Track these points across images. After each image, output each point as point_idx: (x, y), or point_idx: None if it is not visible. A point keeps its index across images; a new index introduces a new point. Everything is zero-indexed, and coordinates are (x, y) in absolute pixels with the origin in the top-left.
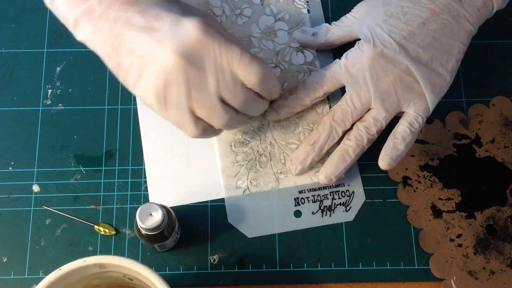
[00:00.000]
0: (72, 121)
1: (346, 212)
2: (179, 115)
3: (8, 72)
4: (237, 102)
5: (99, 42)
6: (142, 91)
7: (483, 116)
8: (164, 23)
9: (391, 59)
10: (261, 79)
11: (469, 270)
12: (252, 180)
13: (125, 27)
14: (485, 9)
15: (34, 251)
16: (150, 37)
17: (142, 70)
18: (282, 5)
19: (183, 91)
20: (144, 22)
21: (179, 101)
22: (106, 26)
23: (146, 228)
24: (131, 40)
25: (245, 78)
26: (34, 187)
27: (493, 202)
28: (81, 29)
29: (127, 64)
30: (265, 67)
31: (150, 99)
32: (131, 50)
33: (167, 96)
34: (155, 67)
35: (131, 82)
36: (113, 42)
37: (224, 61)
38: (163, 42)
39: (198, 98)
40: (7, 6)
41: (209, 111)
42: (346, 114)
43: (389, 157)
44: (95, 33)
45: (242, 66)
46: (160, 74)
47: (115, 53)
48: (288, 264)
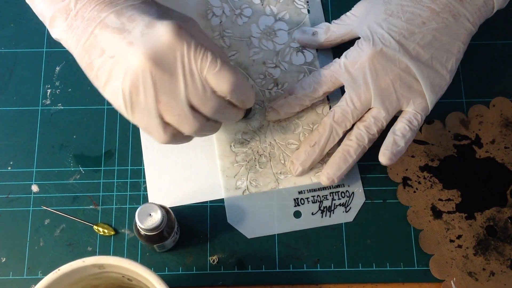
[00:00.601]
0: (71, 121)
1: (346, 213)
2: (147, 119)
3: (8, 72)
4: (207, 109)
5: (73, 41)
6: (110, 93)
7: (483, 116)
8: (136, 25)
9: (390, 58)
10: (233, 88)
11: (469, 271)
12: (251, 180)
13: (99, 27)
14: (485, 8)
15: (33, 252)
16: (122, 38)
17: (111, 72)
18: (282, 5)
19: (150, 95)
20: (118, 23)
21: (147, 105)
22: (81, 26)
23: (145, 228)
24: (103, 41)
25: (216, 85)
26: (33, 187)
27: (493, 203)
28: (56, 27)
29: (98, 65)
30: (237, 75)
31: (118, 102)
32: (102, 50)
33: (134, 99)
34: (123, 68)
35: (101, 84)
36: (86, 42)
37: (194, 66)
38: (133, 44)
39: (166, 103)
40: (6, 6)
41: (178, 117)
42: (346, 114)
43: (389, 152)
44: (69, 32)
45: (213, 73)
46: (128, 76)
47: (87, 54)
48: (287, 265)
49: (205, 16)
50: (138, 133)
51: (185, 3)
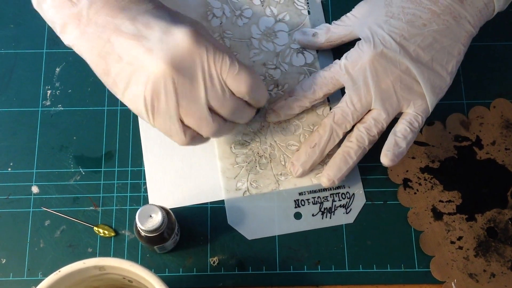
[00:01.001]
0: (71, 122)
1: (346, 214)
2: (168, 124)
3: (8, 73)
4: (226, 111)
5: (86, 48)
6: (130, 99)
7: (484, 118)
8: (153, 31)
9: (391, 59)
10: (251, 88)
11: (470, 272)
12: (252, 181)
13: (114, 34)
14: (486, 10)
15: (33, 253)
16: (140, 46)
17: (130, 78)
18: (283, 6)
19: (172, 100)
20: (134, 30)
21: (168, 110)
22: (94, 32)
23: (145, 230)
24: (120, 47)
25: (235, 87)
26: (33, 188)
27: (494, 204)
28: (68, 33)
29: (115, 71)
30: (254, 76)
31: (139, 108)
32: (119, 57)
33: (156, 105)
34: (144, 76)
35: (119, 90)
36: (102, 49)
37: (214, 70)
38: (152, 51)
39: (187, 107)
40: (6, 7)
41: (198, 120)
42: (346, 115)
43: (391, 153)
44: (82, 39)
45: (232, 75)
46: (149, 83)
47: (103, 60)
48: (288, 266)
49: (205, 17)
50: (138, 134)
51: (185, 4)
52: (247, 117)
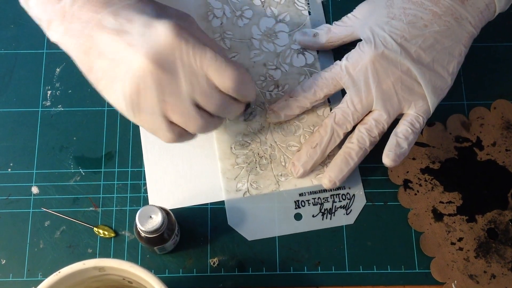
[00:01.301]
0: (71, 122)
1: (346, 215)
2: (153, 121)
3: (8, 73)
4: (212, 106)
5: (71, 44)
6: (113, 96)
7: (485, 119)
8: (135, 26)
9: (392, 60)
10: (236, 84)
11: (470, 274)
12: (252, 182)
13: (96, 29)
14: (487, 11)
15: (33, 253)
16: (121, 40)
17: (113, 74)
18: (283, 6)
19: (155, 96)
20: (116, 24)
21: (152, 107)
22: (78, 28)
23: (145, 230)
24: (102, 43)
25: (220, 82)
26: (33, 188)
27: (494, 205)
28: (53, 30)
29: (98, 68)
30: (240, 71)
31: (122, 105)
32: (101, 53)
33: (139, 101)
34: (126, 71)
35: (103, 87)
36: (84, 45)
37: (197, 65)
38: (134, 46)
39: (171, 103)
40: (6, 7)
41: (183, 116)
42: (347, 116)
43: (393, 153)
44: (67, 35)
45: (216, 70)
46: (131, 79)
47: (87, 57)
48: (288, 267)
49: (205, 18)
50: (138, 134)
51: (186, 4)
52: (235, 112)
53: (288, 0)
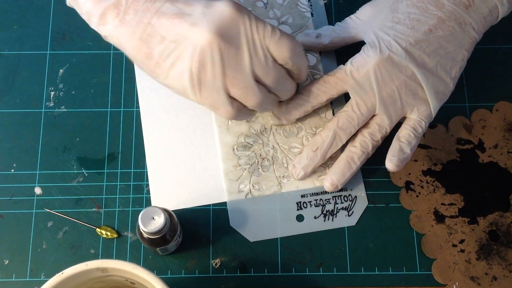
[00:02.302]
0: (74, 123)
1: (348, 217)
2: (214, 96)
3: (11, 74)
4: (270, 79)
5: (126, 35)
6: (175, 77)
7: (486, 121)
8: (195, 8)
9: (397, 65)
10: (292, 53)
11: (472, 275)
12: (254, 184)
13: (156, 17)
14: (490, 17)
15: (35, 254)
16: (183, 22)
17: (175, 55)
18: (286, 8)
19: (218, 70)
20: (175, 9)
21: (214, 81)
22: (135, 19)
23: (148, 232)
24: (162, 28)
25: (277, 53)
26: (36, 189)
27: (496, 207)
28: (107, 24)
29: (159, 52)
30: (295, 41)
31: (184, 84)
32: (162, 37)
33: (202, 77)
34: (189, 49)
35: (163, 71)
36: (143, 33)
37: (257, 37)
38: (197, 24)
39: (233, 76)
40: (10, 8)
41: (244, 89)
42: (351, 120)
43: (396, 158)
44: (122, 27)
45: (274, 41)
46: (195, 55)
47: (145, 44)
48: (290, 268)
49: None
50: (141, 135)
51: None
52: (289, 90)
53: (290, 2)
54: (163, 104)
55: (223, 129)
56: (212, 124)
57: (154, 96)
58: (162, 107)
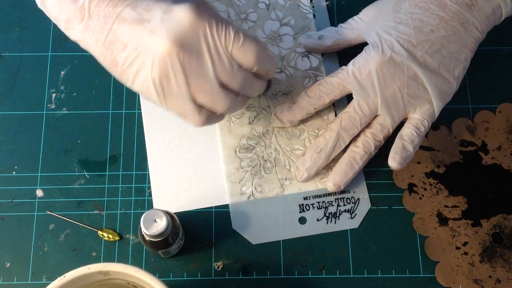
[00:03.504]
0: (76, 125)
1: (351, 219)
2: (181, 105)
3: (13, 76)
4: (236, 84)
5: (92, 41)
6: (140, 85)
7: (490, 123)
8: (155, 13)
9: (399, 65)
10: (257, 58)
11: (475, 278)
12: (256, 186)
13: (116, 22)
14: (494, 16)
15: (37, 257)
16: (142, 29)
17: (137, 64)
18: (288, 10)
19: (181, 79)
20: (135, 15)
21: (179, 90)
22: (98, 24)
23: (150, 234)
24: (123, 35)
25: (242, 59)
26: (37, 191)
27: (500, 210)
28: (73, 29)
29: (122, 59)
30: (259, 45)
31: (150, 92)
32: (124, 45)
33: (165, 86)
34: (150, 58)
35: (128, 78)
36: (106, 40)
37: (219, 43)
38: (155, 32)
39: (197, 84)
40: (11, 10)
41: (210, 96)
42: (354, 121)
43: (399, 156)
44: (87, 33)
45: (237, 47)
46: (156, 65)
47: (109, 51)
48: (292, 271)
49: None
50: (143, 137)
51: None
52: (258, 89)
53: (293, 4)
54: None
55: (225, 131)
56: (214, 126)
57: None
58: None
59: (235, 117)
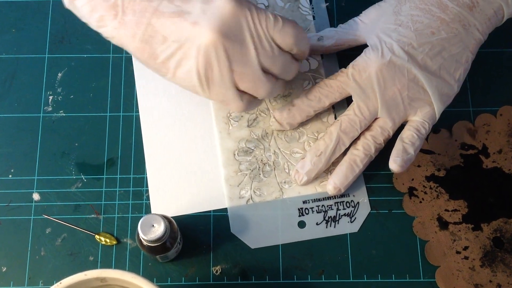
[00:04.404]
0: (73, 128)
1: (351, 223)
2: (224, 92)
3: (9, 78)
4: (277, 67)
5: (127, 36)
6: (182, 76)
7: (491, 126)
8: (194, 5)
9: (399, 68)
10: (297, 39)
11: (476, 283)
12: (255, 189)
13: (154, 16)
14: (495, 18)
15: (34, 261)
16: (183, 21)
17: (179, 55)
18: (287, 11)
19: (225, 67)
20: (173, 7)
21: (222, 78)
22: (133, 20)
23: (148, 240)
24: (163, 28)
25: (282, 41)
26: (34, 195)
27: (500, 214)
28: (106, 26)
29: (162, 52)
30: (297, 26)
31: (193, 82)
32: (164, 38)
33: (210, 75)
34: (194, 49)
35: (169, 70)
36: (144, 34)
37: (260, 29)
38: (198, 23)
39: (240, 72)
40: (8, 11)
41: (253, 82)
42: (354, 124)
43: (400, 159)
44: (121, 29)
45: (278, 30)
46: (200, 55)
47: (147, 45)
48: (291, 275)
49: None
50: (141, 140)
51: None
52: (294, 71)
53: (292, 5)
54: (163, 108)
55: (224, 134)
56: (212, 129)
57: (154, 100)
58: (162, 112)
59: (234, 120)
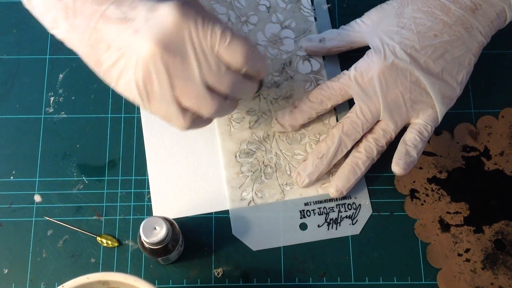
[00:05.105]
0: (74, 129)
1: (352, 225)
2: (165, 108)
3: (10, 79)
4: (224, 87)
5: (76, 40)
6: (123, 87)
7: (492, 128)
8: (139, 12)
9: (401, 70)
10: (246, 59)
11: (477, 285)
12: (257, 191)
13: (101, 21)
14: (498, 21)
15: (35, 263)
16: (127, 28)
17: (121, 64)
18: (289, 12)
19: (165, 81)
20: (120, 13)
21: (163, 93)
22: (83, 23)
23: (150, 242)
24: (108, 34)
25: (230, 59)
26: (35, 197)
27: (502, 216)
28: (58, 28)
29: (106, 60)
30: (248, 44)
31: (133, 94)
32: (109, 44)
33: (149, 89)
34: (133, 59)
35: (112, 79)
36: (91, 39)
37: (205, 43)
38: (140, 32)
39: (182, 87)
40: (9, 12)
41: (195, 100)
42: (356, 126)
43: (403, 161)
44: (72, 32)
45: (224, 47)
46: (139, 66)
47: (93, 50)
48: (293, 278)
49: None
50: (142, 142)
51: None
52: (249, 92)
53: (294, 6)
54: None
55: (225, 135)
56: (214, 130)
57: None
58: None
59: (236, 121)
